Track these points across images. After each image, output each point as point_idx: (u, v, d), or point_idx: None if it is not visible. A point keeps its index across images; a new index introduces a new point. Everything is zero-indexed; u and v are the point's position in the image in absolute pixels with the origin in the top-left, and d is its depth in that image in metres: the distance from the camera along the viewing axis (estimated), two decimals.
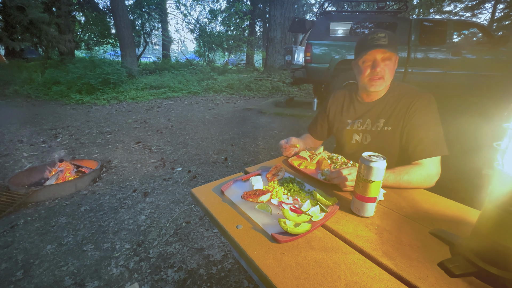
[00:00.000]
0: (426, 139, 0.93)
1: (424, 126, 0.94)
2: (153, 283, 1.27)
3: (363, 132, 1.10)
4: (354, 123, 1.12)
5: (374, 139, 1.07)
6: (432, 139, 0.93)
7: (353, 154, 1.14)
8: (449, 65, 4.38)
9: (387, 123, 1.03)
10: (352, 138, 1.13)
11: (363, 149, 1.08)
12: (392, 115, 1.02)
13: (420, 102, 0.97)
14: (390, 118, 1.02)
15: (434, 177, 0.90)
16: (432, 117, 0.95)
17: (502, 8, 12.07)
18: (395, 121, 1.01)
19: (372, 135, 1.08)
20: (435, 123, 0.95)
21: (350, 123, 1.14)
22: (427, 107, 0.96)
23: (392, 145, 1.03)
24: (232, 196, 0.81)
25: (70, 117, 4.71)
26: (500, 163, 0.50)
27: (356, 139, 1.12)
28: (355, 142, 1.13)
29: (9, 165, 2.64)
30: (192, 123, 4.40)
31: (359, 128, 1.11)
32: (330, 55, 4.49)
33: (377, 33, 0.96)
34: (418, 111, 0.96)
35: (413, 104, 0.97)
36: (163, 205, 1.96)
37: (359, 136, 1.11)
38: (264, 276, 0.51)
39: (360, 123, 1.11)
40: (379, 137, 1.05)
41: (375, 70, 0.97)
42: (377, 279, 0.50)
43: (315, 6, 17.92)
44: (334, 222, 0.69)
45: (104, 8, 12.63)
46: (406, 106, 0.98)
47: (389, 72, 0.98)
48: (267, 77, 9.36)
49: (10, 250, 1.47)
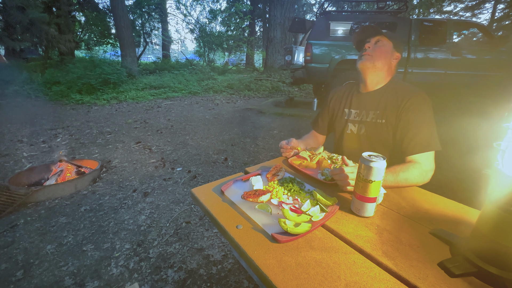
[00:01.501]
0: (419, 135, 0.94)
1: (417, 123, 0.96)
2: (153, 283, 1.27)
3: (359, 123, 1.12)
4: (351, 112, 1.15)
5: (368, 130, 1.09)
6: (425, 135, 0.94)
7: (350, 145, 1.16)
8: (449, 65, 4.38)
9: (381, 115, 1.05)
10: (347, 128, 1.16)
11: (359, 140, 1.12)
12: (386, 108, 1.03)
13: (413, 100, 0.98)
14: (384, 111, 1.04)
15: (429, 173, 0.91)
16: (425, 114, 0.96)
17: (502, 8, 12.07)
18: (388, 114, 1.03)
19: (366, 126, 1.09)
20: (429, 120, 0.96)
21: (347, 112, 1.17)
22: (420, 105, 0.97)
23: (387, 137, 1.04)
24: (232, 196, 0.81)
25: (70, 117, 4.71)
26: (500, 163, 0.50)
27: (352, 129, 1.14)
28: (351, 132, 1.15)
29: (9, 165, 2.64)
30: (192, 123, 4.40)
31: (355, 119, 1.13)
32: (330, 55, 4.49)
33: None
34: (412, 109, 0.97)
35: (406, 102, 0.98)
36: (163, 205, 1.96)
37: (355, 126, 1.13)
38: (264, 276, 0.51)
39: (357, 114, 1.13)
40: (373, 129, 1.07)
41: (365, 46, 1.07)
42: (377, 279, 0.50)
43: (315, 6, 17.91)
44: (334, 222, 0.69)
45: (104, 8, 12.61)
46: (400, 102, 1.00)
47: (379, 53, 1.05)
48: (267, 77, 9.35)
49: (10, 250, 1.47)
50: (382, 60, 1.04)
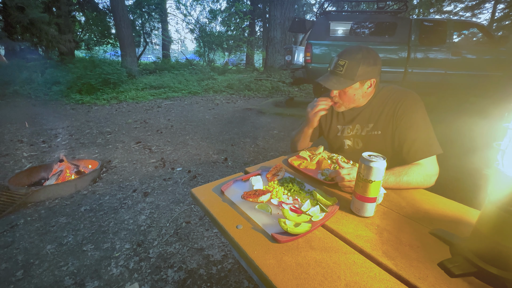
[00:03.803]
0: (418, 140, 0.93)
1: (414, 127, 0.94)
2: (153, 283, 1.27)
3: (354, 137, 1.11)
4: (344, 129, 1.13)
5: (365, 144, 1.08)
6: (424, 139, 0.92)
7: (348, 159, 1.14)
8: (449, 65, 4.38)
9: (376, 127, 1.03)
10: (344, 144, 1.14)
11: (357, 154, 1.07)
12: (380, 119, 1.02)
13: (406, 103, 0.97)
14: (378, 122, 1.03)
15: (433, 177, 0.90)
16: (420, 116, 0.95)
17: (502, 8, 12.05)
18: (383, 125, 1.01)
19: (362, 140, 1.08)
20: (424, 122, 0.95)
21: (340, 129, 1.15)
22: (413, 106, 0.96)
23: (385, 148, 1.03)
24: (232, 196, 0.81)
25: (70, 117, 4.71)
26: (500, 163, 0.50)
27: (349, 144, 1.13)
28: (348, 147, 1.13)
29: (9, 165, 2.64)
30: (192, 123, 4.40)
31: (349, 134, 1.12)
32: (330, 55, 4.49)
33: (339, 59, 0.97)
34: (406, 113, 0.96)
35: (400, 107, 0.97)
36: (163, 205, 1.96)
37: (350, 141, 1.12)
38: (264, 276, 0.51)
39: (350, 129, 1.11)
40: (370, 142, 1.06)
41: (331, 95, 1.02)
42: (377, 279, 0.50)
43: (315, 6, 17.90)
44: (334, 222, 0.69)
45: (104, 8, 12.59)
46: (393, 109, 0.99)
47: (347, 99, 1.01)
48: (267, 77, 9.35)
49: (10, 250, 1.47)
50: (354, 101, 1.02)
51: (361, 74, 0.95)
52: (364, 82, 0.99)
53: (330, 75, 1.00)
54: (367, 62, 0.94)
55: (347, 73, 0.95)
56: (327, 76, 1.01)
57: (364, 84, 0.99)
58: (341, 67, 0.96)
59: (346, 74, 0.95)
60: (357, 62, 0.94)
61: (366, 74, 0.96)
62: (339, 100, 1.03)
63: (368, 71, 0.96)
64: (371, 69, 0.96)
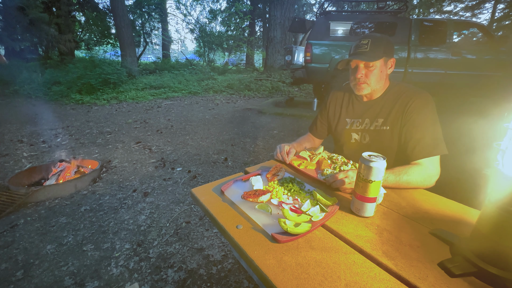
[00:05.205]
0: (424, 139, 0.93)
1: (422, 126, 0.94)
2: (153, 283, 1.27)
3: (362, 131, 1.10)
4: (353, 122, 1.13)
5: (372, 138, 1.07)
6: (431, 139, 0.92)
7: (353, 154, 1.14)
8: (449, 65, 4.38)
9: (385, 122, 1.03)
10: (351, 137, 1.14)
11: (363, 149, 1.08)
12: (390, 114, 1.02)
13: (417, 102, 0.97)
14: (388, 118, 1.02)
15: (433, 177, 0.90)
16: (429, 116, 0.95)
17: (502, 8, 12.06)
18: (393, 121, 1.01)
19: (370, 134, 1.08)
20: (433, 122, 0.95)
21: (349, 122, 1.14)
22: (424, 106, 0.96)
23: (391, 144, 1.03)
24: (232, 196, 0.81)
25: (70, 117, 4.71)
26: (500, 163, 0.50)
27: (355, 138, 1.13)
28: (354, 141, 1.13)
29: (9, 165, 2.64)
30: (192, 123, 4.40)
31: (358, 128, 1.11)
32: (330, 55, 4.49)
33: (361, 40, 1.00)
34: (416, 111, 0.96)
35: (411, 104, 0.97)
36: (163, 205, 1.96)
37: (358, 135, 1.12)
38: (264, 276, 0.51)
39: (359, 123, 1.11)
40: (377, 137, 1.06)
41: (356, 76, 1.01)
42: (377, 279, 0.50)
43: (315, 6, 17.90)
44: (334, 222, 0.69)
45: (104, 8, 12.60)
46: (404, 106, 0.98)
47: (373, 77, 1.01)
48: (267, 77, 9.35)
49: (10, 250, 1.47)
50: (380, 79, 1.02)
51: (385, 50, 0.98)
52: (387, 61, 1.02)
53: (354, 56, 1.00)
54: (387, 40, 0.99)
55: (372, 49, 0.97)
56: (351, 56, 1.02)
57: (388, 63, 1.02)
58: (365, 45, 0.98)
59: (372, 50, 0.97)
60: (379, 39, 0.98)
61: (389, 51, 1.00)
62: (366, 79, 1.02)
63: (390, 49, 1.01)
64: (391, 48, 1.01)
